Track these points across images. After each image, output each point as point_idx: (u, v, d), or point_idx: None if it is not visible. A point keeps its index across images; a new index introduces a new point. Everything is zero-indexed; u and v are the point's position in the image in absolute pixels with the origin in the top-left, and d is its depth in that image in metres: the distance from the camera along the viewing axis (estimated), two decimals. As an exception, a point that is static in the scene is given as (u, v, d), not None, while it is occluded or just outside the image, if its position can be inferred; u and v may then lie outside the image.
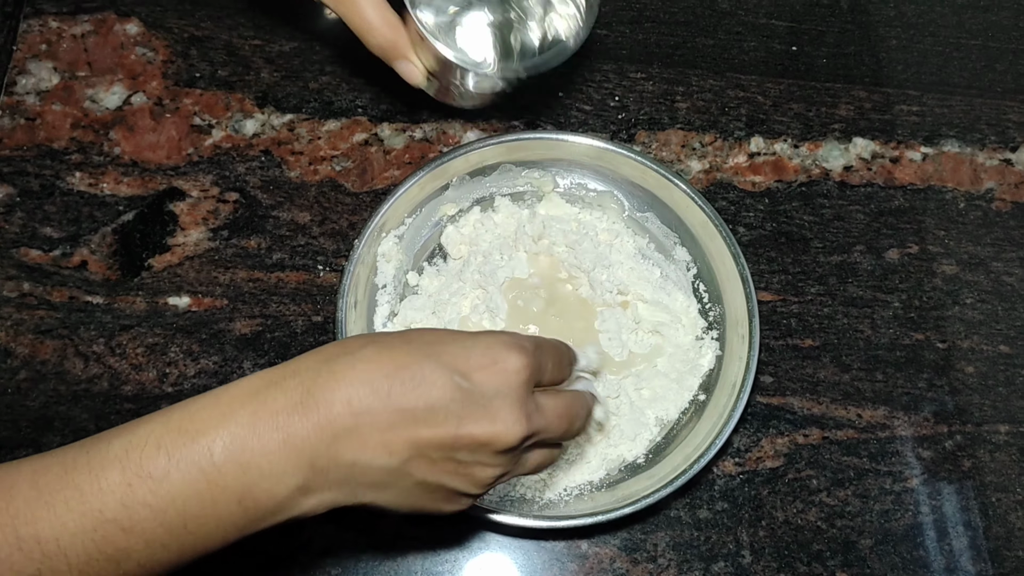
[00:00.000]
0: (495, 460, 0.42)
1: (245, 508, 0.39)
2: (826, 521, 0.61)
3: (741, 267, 0.62)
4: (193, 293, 0.64)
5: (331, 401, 0.40)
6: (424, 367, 0.41)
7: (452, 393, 0.41)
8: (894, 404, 0.65)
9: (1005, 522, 0.62)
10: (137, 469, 0.38)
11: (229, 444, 0.39)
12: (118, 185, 0.66)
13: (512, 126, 0.71)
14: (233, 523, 0.39)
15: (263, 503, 0.39)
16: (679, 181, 0.64)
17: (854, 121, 0.75)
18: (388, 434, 0.40)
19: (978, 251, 0.71)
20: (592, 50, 0.76)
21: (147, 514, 0.38)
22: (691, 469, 0.56)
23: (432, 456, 0.41)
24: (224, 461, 0.38)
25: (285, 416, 0.39)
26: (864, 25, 0.79)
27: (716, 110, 0.74)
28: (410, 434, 0.40)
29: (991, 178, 0.74)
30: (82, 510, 0.37)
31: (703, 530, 0.60)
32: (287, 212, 0.67)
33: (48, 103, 0.69)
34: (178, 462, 0.38)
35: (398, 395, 0.40)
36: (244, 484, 0.39)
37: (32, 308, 0.62)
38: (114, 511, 0.37)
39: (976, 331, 0.68)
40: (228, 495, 0.39)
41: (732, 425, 0.57)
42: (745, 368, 0.59)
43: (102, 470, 0.38)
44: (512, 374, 0.42)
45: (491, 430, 0.41)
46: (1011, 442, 0.64)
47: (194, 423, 0.39)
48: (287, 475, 0.39)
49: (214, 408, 0.40)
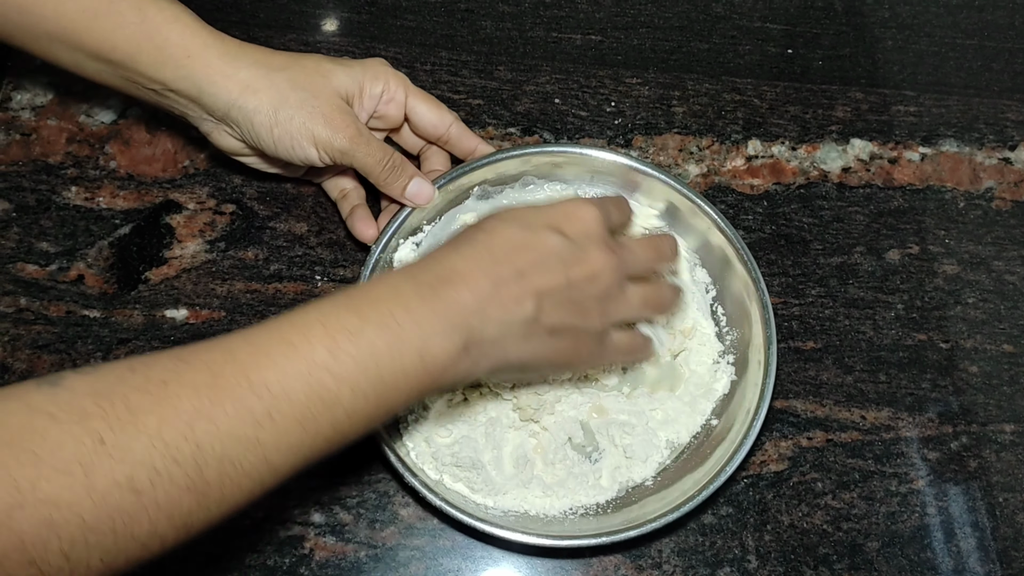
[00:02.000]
0: (602, 290, 0.52)
1: (425, 363, 0.45)
2: (832, 524, 0.60)
3: (761, 292, 0.61)
4: (190, 305, 0.63)
5: (472, 272, 0.48)
6: (527, 234, 0.50)
7: (554, 246, 0.50)
8: (898, 405, 0.64)
9: (1013, 522, 0.61)
10: (336, 326, 0.44)
11: (405, 308, 0.45)
12: (114, 199, 0.66)
13: (508, 133, 0.71)
14: (417, 376, 0.45)
15: (439, 358, 0.46)
16: (703, 202, 0.63)
17: (851, 122, 0.74)
18: (517, 288, 0.48)
19: (979, 250, 0.70)
20: (587, 56, 0.76)
21: (350, 362, 0.43)
22: (700, 495, 0.55)
23: (554, 300, 0.49)
24: (404, 320, 0.45)
25: (439, 287, 0.47)
26: (859, 27, 0.79)
27: (713, 114, 0.74)
28: (533, 285, 0.49)
29: (990, 177, 0.73)
30: (297, 357, 0.42)
31: (708, 535, 0.60)
32: (284, 223, 0.67)
33: (43, 118, 0.68)
34: (368, 320, 0.44)
35: (517, 258, 0.49)
36: (421, 339, 0.45)
37: (29, 323, 0.62)
38: (323, 359, 0.43)
39: (979, 330, 0.67)
40: (410, 349, 0.45)
41: (744, 452, 0.57)
42: (759, 396, 0.58)
43: (306, 328, 0.43)
44: (591, 220, 0.52)
45: (590, 266, 0.51)
46: (1017, 441, 0.64)
47: (372, 295, 0.46)
48: (452, 334, 0.46)
49: (383, 285, 0.47)
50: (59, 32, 0.55)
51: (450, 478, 0.58)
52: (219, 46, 0.57)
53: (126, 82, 0.58)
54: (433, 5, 0.77)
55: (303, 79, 0.58)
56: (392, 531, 0.58)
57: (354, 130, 0.58)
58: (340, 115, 0.58)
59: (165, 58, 0.56)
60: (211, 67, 0.56)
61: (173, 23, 0.56)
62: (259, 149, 0.60)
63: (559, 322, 0.50)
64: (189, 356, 0.42)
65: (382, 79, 0.62)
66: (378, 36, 0.75)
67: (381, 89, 0.62)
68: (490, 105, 0.73)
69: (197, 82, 0.56)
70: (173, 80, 0.57)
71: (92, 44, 0.56)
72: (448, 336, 0.46)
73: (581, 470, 0.59)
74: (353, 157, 0.59)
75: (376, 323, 0.44)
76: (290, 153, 0.58)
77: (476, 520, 0.54)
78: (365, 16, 0.76)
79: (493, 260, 0.48)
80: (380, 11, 0.76)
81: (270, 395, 0.41)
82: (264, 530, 0.57)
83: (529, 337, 0.49)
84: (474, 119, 0.72)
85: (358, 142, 0.58)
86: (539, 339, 0.50)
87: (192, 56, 0.56)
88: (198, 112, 0.59)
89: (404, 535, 0.58)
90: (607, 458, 0.60)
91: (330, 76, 0.59)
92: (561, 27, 0.77)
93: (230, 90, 0.56)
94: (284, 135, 0.57)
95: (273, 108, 0.57)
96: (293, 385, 0.42)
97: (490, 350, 0.48)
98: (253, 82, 0.57)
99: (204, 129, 0.61)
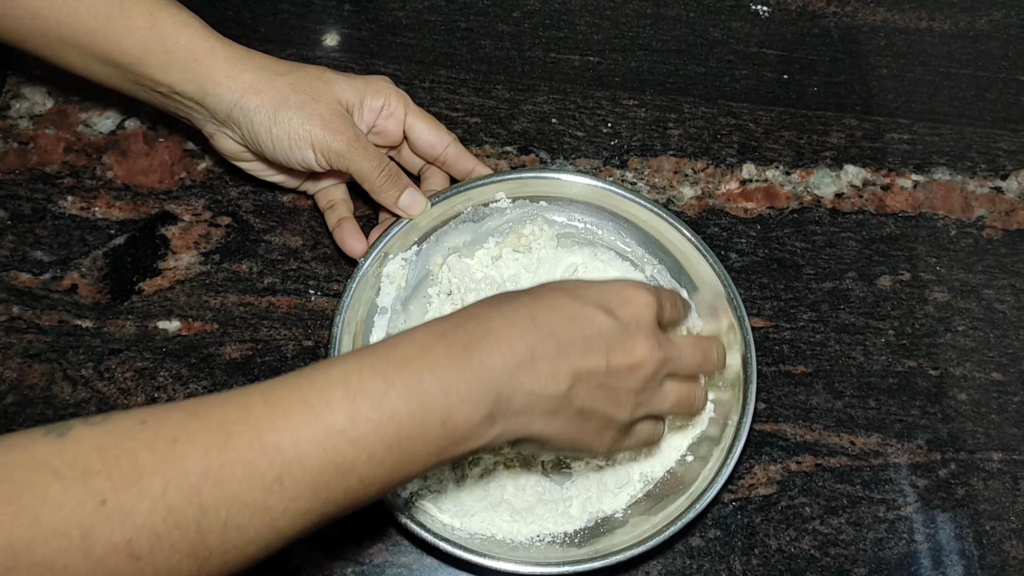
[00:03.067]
0: (640, 384, 0.49)
1: (446, 430, 0.43)
2: (819, 549, 0.60)
3: (745, 331, 0.61)
4: (183, 317, 0.63)
5: (510, 337, 0.45)
6: (576, 307, 0.48)
7: (601, 327, 0.48)
8: (887, 431, 0.65)
9: (1000, 551, 0.61)
10: (359, 388, 0.42)
11: (432, 371, 0.43)
12: (110, 209, 0.66)
13: (505, 152, 0.72)
14: (436, 444, 0.43)
15: (461, 426, 0.44)
16: (692, 236, 0.63)
17: (845, 149, 0.75)
18: (555, 363, 0.46)
19: (970, 278, 0.71)
20: (585, 77, 0.76)
21: (369, 428, 0.41)
22: (667, 530, 0.55)
23: (590, 383, 0.47)
24: (431, 385, 0.43)
25: (473, 348, 0.45)
26: (855, 54, 0.80)
27: (708, 137, 0.74)
28: (572, 363, 0.46)
29: (982, 206, 0.74)
30: (314, 421, 0.41)
31: (696, 558, 0.60)
32: (279, 236, 0.67)
33: (41, 127, 0.69)
34: (393, 383, 0.42)
35: (561, 331, 0.46)
36: (447, 407, 0.43)
37: (21, 332, 0.62)
38: (342, 423, 0.41)
39: (968, 358, 0.68)
40: (434, 416, 0.43)
41: (717, 488, 0.56)
42: (735, 434, 0.58)
43: (327, 388, 0.42)
44: (644, 307, 0.49)
45: (633, 356, 0.48)
46: (1004, 470, 0.64)
47: (399, 354, 0.44)
48: (480, 402, 0.44)
49: (411, 344, 0.45)
50: (71, 36, 0.56)
51: (419, 497, 0.58)
52: (225, 51, 0.58)
53: (133, 84, 0.59)
54: (433, 24, 0.78)
55: (305, 83, 0.59)
56: (380, 547, 0.58)
57: (352, 134, 0.59)
58: (338, 119, 0.59)
59: (173, 61, 0.57)
60: (216, 70, 0.57)
61: (183, 28, 0.57)
62: (259, 152, 0.60)
63: (590, 406, 0.48)
64: (204, 411, 0.40)
65: (383, 94, 0.62)
66: (378, 53, 0.76)
67: (382, 103, 0.62)
68: (487, 123, 0.73)
69: (202, 84, 0.57)
70: (180, 82, 0.57)
71: (103, 48, 0.57)
72: (475, 404, 0.44)
73: (551, 496, 0.59)
74: (350, 161, 0.59)
75: (401, 387, 0.43)
76: (288, 155, 0.59)
77: (441, 541, 0.54)
78: (365, 33, 0.77)
79: (535, 327, 0.46)
80: (380, 28, 0.77)
81: (282, 460, 0.40)
82: (251, 544, 0.57)
83: (556, 413, 0.47)
84: (471, 137, 0.72)
85: (355, 146, 0.59)
86: (565, 418, 0.48)
87: (199, 60, 0.57)
88: (202, 113, 0.59)
89: (392, 552, 0.58)
90: (578, 486, 0.60)
91: (332, 83, 0.60)
92: (559, 48, 0.78)
93: (233, 91, 0.57)
94: (282, 135, 0.58)
95: (273, 108, 0.57)
96: (307, 450, 0.40)
97: (515, 421, 0.46)
98: (256, 84, 0.57)
99: (207, 131, 0.61)
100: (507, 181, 0.65)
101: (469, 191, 0.64)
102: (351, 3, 0.78)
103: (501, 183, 0.64)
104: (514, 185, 0.65)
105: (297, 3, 0.77)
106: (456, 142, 0.65)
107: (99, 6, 0.56)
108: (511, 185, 0.65)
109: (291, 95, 0.58)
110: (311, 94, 0.58)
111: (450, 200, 0.64)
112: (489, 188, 0.64)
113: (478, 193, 0.64)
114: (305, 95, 0.58)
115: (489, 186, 0.64)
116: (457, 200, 0.64)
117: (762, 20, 0.81)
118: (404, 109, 0.63)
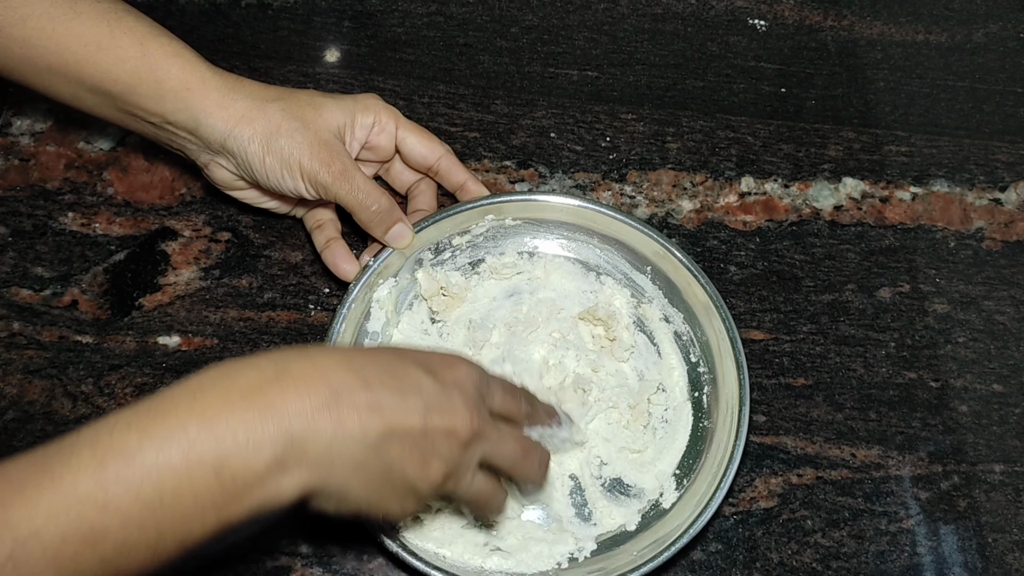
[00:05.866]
0: (450, 453, 0.45)
1: (222, 481, 0.39)
2: (821, 563, 0.60)
3: (738, 352, 0.60)
4: (183, 332, 0.64)
5: (309, 375, 0.41)
6: (396, 362, 0.45)
7: (421, 384, 0.44)
8: (888, 443, 0.64)
9: (1002, 563, 0.61)
10: (108, 446, 0.38)
11: (201, 417, 0.39)
12: (110, 225, 0.67)
13: (504, 166, 0.72)
14: (211, 499, 0.39)
15: (240, 475, 0.39)
16: (681, 256, 0.63)
17: (843, 161, 0.75)
18: (365, 415, 0.42)
19: (969, 290, 0.71)
20: (583, 92, 0.77)
21: (120, 489, 0.37)
22: (662, 555, 0.55)
23: (402, 441, 0.43)
24: (198, 432, 0.39)
25: (260, 389, 0.40)
26: (852, 67, 0.80)
27: (707, 150, 0.75)
28: (385, 419, 0.43)
29: (981, 217, 0.74)
30: (54, 489, 0.37)
31: (697, 572, 0.59)
32: (279, 252, 0.67)
33: (42, 144, 0.69)
34: (151, 436, 0.38)
35: (376, 382, 0.43)
36: (219, 454, 0.39)
37: (21, 347, 0.62)
38: (87, 487, 0.37)
39: (969, 370, 0.68)
40: (204, 466, 0.39)
41: (708, 516, 0.56)
42: (728, 458, 0.58)
43: (72, 453, 0.38)
44: (466, 375, 0.47)
45: (451, 419, 0.45)
46: (1006, 482, 0.64)
47: (164, 404, 0.40)
48: (264, 446, 0.39)
49: (184, 390, 0.40)
50: (60, 65, 0.56)
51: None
52: (216, 80, 0.58)
53: (124, 115, 0.59)
54: (432, 39, 0.78)
55: (296, 110, 0.59)
56: (379, 563, 0.58)
57: (340, 166, 0.58)
58: (328, 150, 0.58)
59: (165, 91, 0.57)
60: (209, 99, 0.57)
61: (173, 58, 0.57)
62: (253, 180, 0.60)
63: (400, 466, 0.44)
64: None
65: (372, 111, 0.62)
66: (377, 69, 0.76)
67: (372, 120, 0.62)
68: (486, 138, 0.73)
69: (195, 114, 0.57)
70: (172, 112, 0.57)
71: (93, 77, 0.56)
72: (256, 449, 0.39)
73: (540, 535, 0.58)
74: (336, 194, 0.59)
75: (160, 440, 0.38)
76: (280, 183, 0.59)
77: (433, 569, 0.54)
78: (364, 49, 0.77)
79: (346, 370, 0.42)
80: (379, 44, 0.77)
81: (12, 537, 0.36)
82: (250, 560, 0.57)
83: (362, 467, 0.43)
84: (470, 152, 0.72)
85: (341, 180, 0.58)
86: (370, 474, 0.43)
87: (191, 89, 0.57)
88: (196, 144, 0.59)
89: (391, 567, 0.58)
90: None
91: (322, 109, 0.60)
92: (558, 63, 0.78)
93: (227, 120, 0.57)
94: (274, 164, 0.58)
95: (266, 137, 0.57)
96: (44, 523, 0.36)
97: (315, 471, 0.41)
98: (248, 112, 0.57)
99: (201, 162, 0.61)
100: (494, 204, 0.64)
101: (456, 216, 0.64)
102: (350, 20, 0.78)
103: (488, 206, 0.64)
104: (501, 208, 0.65)
105: (297, 20, 0.77)
106: (449, 154, 0.65)
107: (89, 35, 0.56)
108: (498, 208, 0.65)
109: (283, 123, 0.58)
110: (303, 121, 0.58)
111: (439, 224, 0.64)
112: (475, 212, 0.64)
113: (464, 218, 0.64)
114: (297, 122, 0.58)
115: (475, 210, 0.64)
116: (447, 224, 0.64)
117: (759, 34, 0.81)
118: (395, 123, 0.63)
